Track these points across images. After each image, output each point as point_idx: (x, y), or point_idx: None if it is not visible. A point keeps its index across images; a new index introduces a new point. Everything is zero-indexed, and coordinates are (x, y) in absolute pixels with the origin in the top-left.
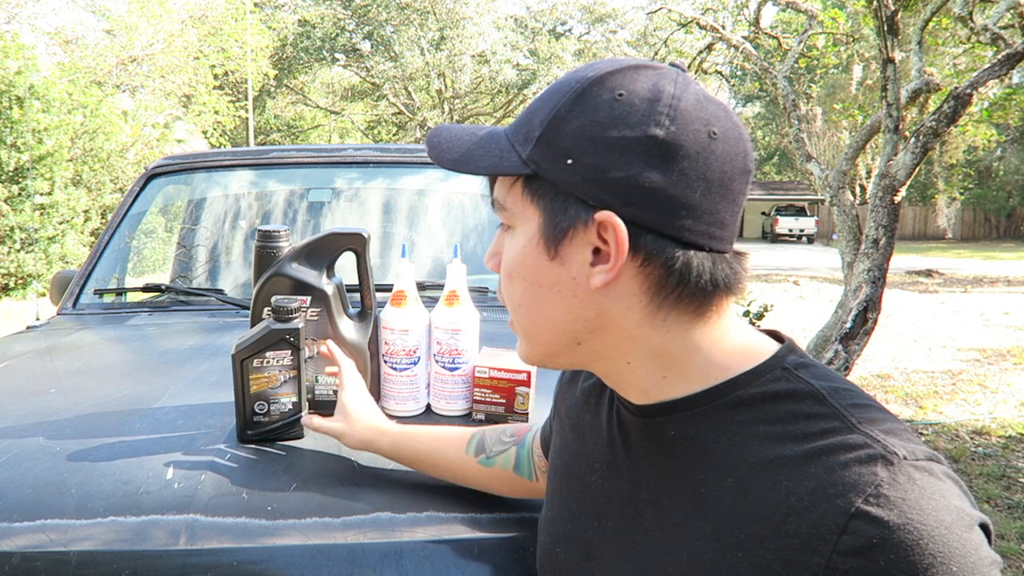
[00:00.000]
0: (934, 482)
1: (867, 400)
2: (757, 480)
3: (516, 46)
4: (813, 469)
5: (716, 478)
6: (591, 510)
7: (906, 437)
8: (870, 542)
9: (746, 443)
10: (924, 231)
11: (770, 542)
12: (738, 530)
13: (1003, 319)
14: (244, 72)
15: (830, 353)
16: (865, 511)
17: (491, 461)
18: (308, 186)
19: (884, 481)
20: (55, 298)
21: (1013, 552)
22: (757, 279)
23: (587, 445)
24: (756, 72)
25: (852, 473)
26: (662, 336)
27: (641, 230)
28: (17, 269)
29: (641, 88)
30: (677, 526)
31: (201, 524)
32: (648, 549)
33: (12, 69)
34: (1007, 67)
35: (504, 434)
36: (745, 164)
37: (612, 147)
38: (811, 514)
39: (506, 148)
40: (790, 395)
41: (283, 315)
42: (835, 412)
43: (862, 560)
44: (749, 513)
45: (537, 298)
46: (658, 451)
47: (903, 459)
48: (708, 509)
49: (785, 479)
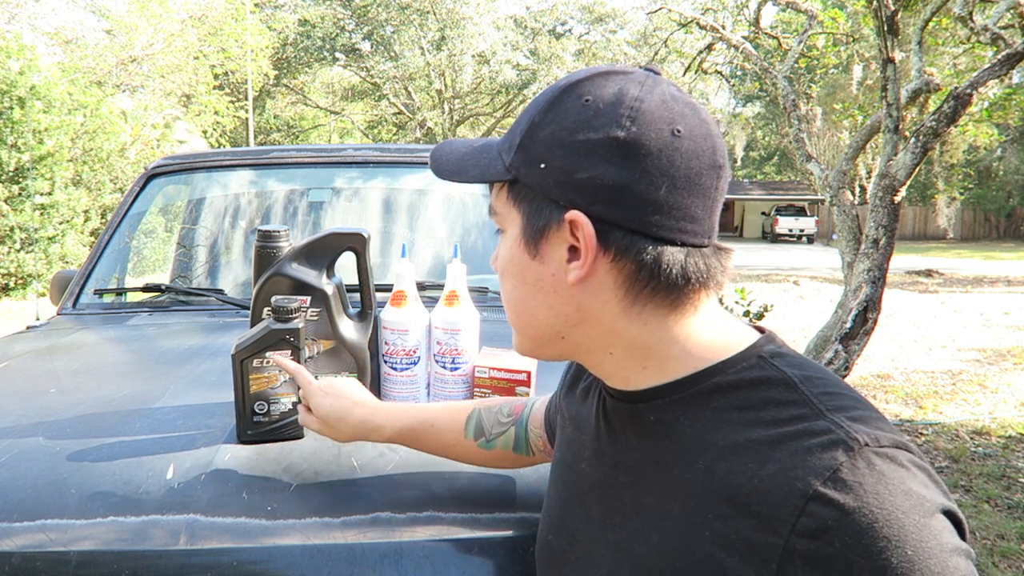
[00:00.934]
0: (894, 468)
1: (839, 388)
2: (725, 462)
3: (516, 46)
4: (778, 453)
5: (688, 461)
6: (579, 497)
7: (874, 424)
8: (826, 524)
9: (718, 428)
10: (924, 231)
11: (734, 522)
12: (705, 510)
13: (1003, 319)
14: (244, 72)
15: (830, 353)
16: (823, 493)
17: (491, 444)
18: (308, 186)
19: (843, 466)
20: (55, 298)
21: (1013, 552)
22: (757, 279)
23: (580, 435)
24: (756, 72)
25: (813, 458)
26: (640, 329)
27: (610, 227)
28: (17, 269)
29: (606, 92)
30: (650, 507)
31: (201, 524)
32: (624, 531)
33: (14, 69)
34: (1007, 67)
35: (501, 414)
36: (714, 159)
37: (578, 150)
38: (772, 496)
39: (494, 157)
40: (763, 382)
41: (283, 315)
42: (805, 399)
43: (818, 542)
44: (716, 494)
45: (522, 295)
46: (637, 436)
47: (864, 445)
48: (679, 491)
49: (751, 462)
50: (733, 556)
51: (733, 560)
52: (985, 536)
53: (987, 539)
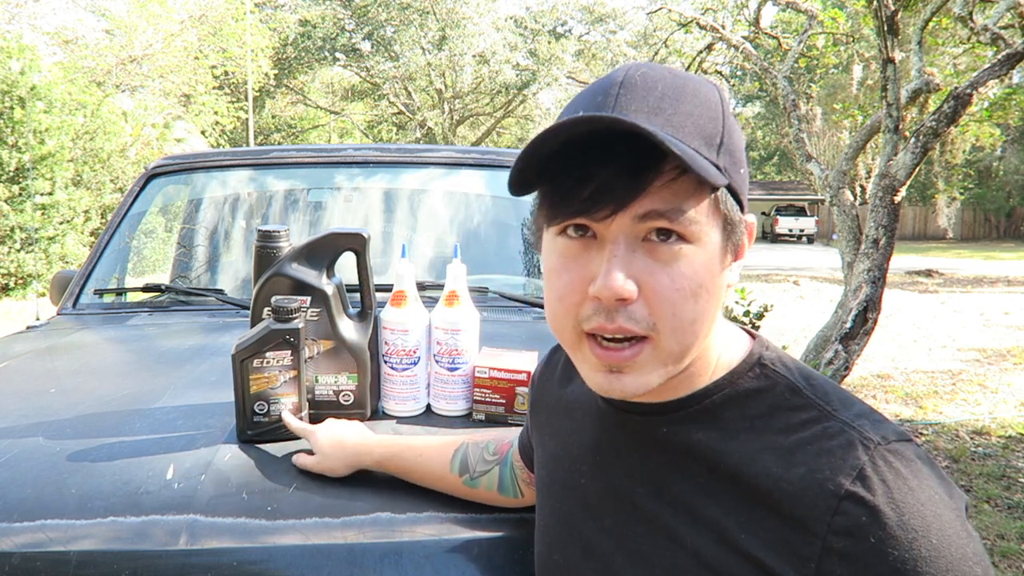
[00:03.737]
0: (907, 463)
1: (833, 387)
2: (748, 468)
3: (516, 46)
4: (800, 457)
5: (710, 468)
6: (584, 511)
7: (875, 419)
8: (860, 521)
9: (734, 437)
10: (924, 231)
11: (768, 523)
12: (737, 513)
13: (1003, 319)
14: (244, 72)
15: (830, 353)
16: (853, 492)
17: (475, 482)
18: (308, 186)
19: (866, 464)
20: (55, 298)
21: (1013, 552)
22: (757, 279)
23: (571, 449)
24: (756, 72)
25: (837, 459)
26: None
27: None
28: (17, 269)
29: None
30: (678, 515)
31: (201, 524)
32: (650, 540)
33: (15, 69)
34: (1007, 67)
35: (487, 451)
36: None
37: (743, 153)
38: (804, 498)
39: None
40: (770, 389)
41: (283, 315)
42: (812, 403)
43: (853, 539)
44: (745, 498)
45: (709, 310)
46: (648, 448)
47: (877, 444)
48: (707, 497)
49: (774, 467)
50: (771, 555)
51: (772, 558)
52: (985, 536)
53: (987, 539)
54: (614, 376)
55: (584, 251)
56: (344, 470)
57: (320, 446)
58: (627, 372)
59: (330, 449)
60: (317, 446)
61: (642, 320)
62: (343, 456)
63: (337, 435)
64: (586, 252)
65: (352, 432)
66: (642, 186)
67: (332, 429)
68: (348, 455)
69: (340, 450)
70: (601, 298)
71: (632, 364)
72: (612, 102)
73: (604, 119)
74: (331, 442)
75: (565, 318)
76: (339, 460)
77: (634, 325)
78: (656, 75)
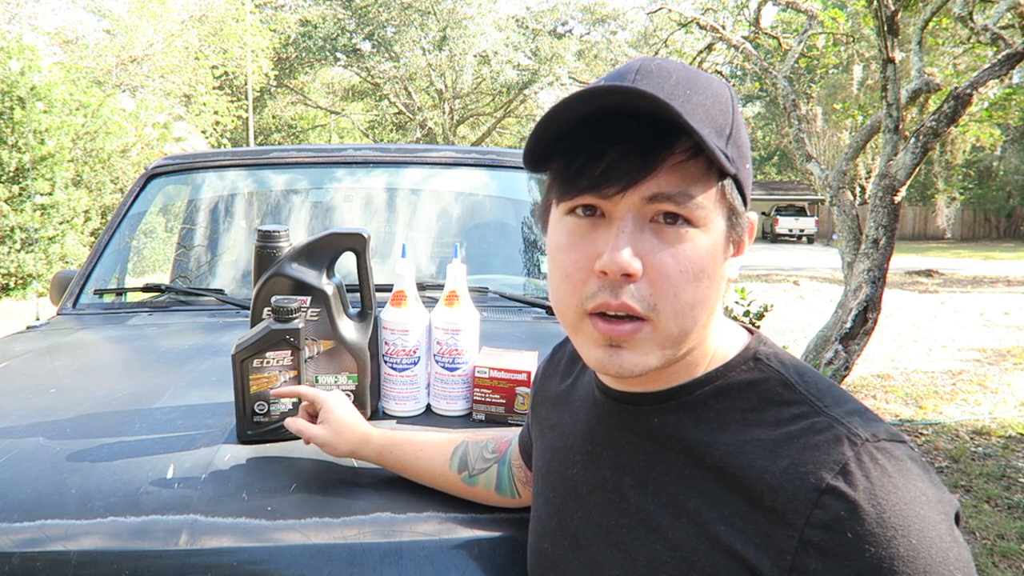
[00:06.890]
0: (894, 462)
1: (828, 384)
2: (734, 460)
3: (517, 46)
4: (786, 450)
5: (696, 460)
6: (575, 501)
7: (867, 418)
8: (838, 515)
9: (724, 428)
10: (924, 231)
11: (750, 516)
12: (720, 506)
13: (1003, 319)
14: (244, 72)
15: (830, 353)
16: (834, 486)
17: (474, 480)
18: (308, 186)
19: (851, 460)
20: (55, 298)
21: (1013, 552)
22: (757, 279)
23: (566, 441)
24: (756, 72)
25: (822, 453)
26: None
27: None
28: (17, 269)
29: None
30: (662, 506)
31: (201, 524)
32: (634, 532)
33: (15, 70)
34: (1007, 67)
35: (486, 449)
36: None
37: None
38: (785, 490)
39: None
40: (762, 383)
41: (283, 315)
42: (803, 398)
43: (831, 532)
44: (728, 491)
45: (710, 295)
46: (639, 438)
47: (865, 440)
48: (691, 489)
49: (760, 459)
50: (749, 548)
51: (750, 551)
52: (985, 536)
53: (987, 539)
54: (613, 351)
55: (592, 230)
56: (343, 450)
57: (332, 419)
58: (626, 348)
59: (339, 425)
60: (328, 418)
61: (644, 299)
62: (350, 436)
63: (348, 413)
64: (594, 231)
65: (359, 416)
66: (653, 165)
67: (344, 407)
68: (355, 436)
69: (348, 429)
70: (608, 272)
71: (631, 340)
72: (630, 84)
73: (624, 88)
74: (342, 418)
75: (570, 296)
76: (344, 439)
77: (636, 303)
78: (671, 66)
